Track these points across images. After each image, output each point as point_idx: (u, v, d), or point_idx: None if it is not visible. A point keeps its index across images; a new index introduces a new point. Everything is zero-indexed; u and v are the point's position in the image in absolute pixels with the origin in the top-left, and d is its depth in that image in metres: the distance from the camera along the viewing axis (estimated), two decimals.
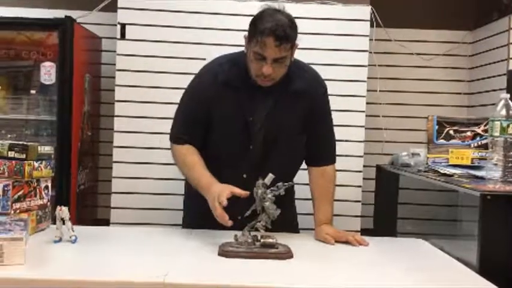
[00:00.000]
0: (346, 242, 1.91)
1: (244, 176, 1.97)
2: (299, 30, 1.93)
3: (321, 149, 2.11)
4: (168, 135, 2.12)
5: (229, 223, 1.73)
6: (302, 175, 2.17)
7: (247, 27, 1.94)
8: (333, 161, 2.13)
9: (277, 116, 1.99)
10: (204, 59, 2.18)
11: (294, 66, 2.02)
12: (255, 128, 1.98)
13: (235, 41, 1.99)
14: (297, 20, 1.91)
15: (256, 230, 1.74)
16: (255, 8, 1.95)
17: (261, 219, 1.74)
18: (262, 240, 1.72)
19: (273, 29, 1.81)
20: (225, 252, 1.69)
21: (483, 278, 1.56)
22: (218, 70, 2.02)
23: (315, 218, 2.06)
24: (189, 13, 2.96)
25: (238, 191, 1.77)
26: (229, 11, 2.92)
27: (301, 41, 1.95)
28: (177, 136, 2.06)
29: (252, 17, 1.92)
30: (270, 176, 1.73)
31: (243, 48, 1.99)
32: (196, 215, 2.08)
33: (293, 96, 2.00)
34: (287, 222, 2.14)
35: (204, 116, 2.00)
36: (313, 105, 2.03)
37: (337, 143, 2.18)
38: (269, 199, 1.72)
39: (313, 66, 2.19)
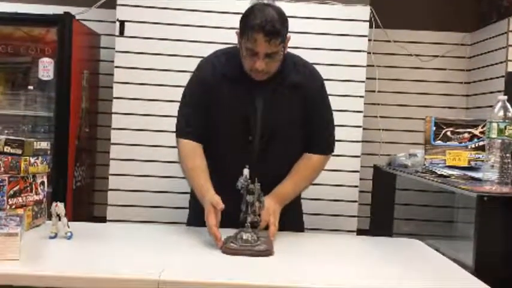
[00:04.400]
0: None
1: (247, 167, 1.97)
2: (298, 30, 1.95)
3: (312, 139, 2.09)
4: (167, 133, 2.13)
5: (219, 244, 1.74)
6: None
7: None
8: (322, 152, 2.10)
9: (274, 108, 2.00)
10: (203, 57, 2.18)
11: (290, 61, 2.04)
12: (252, 120, 1.99)
13: (234, 39, 1.99)
14: (296, 20, 1.92)
15: (252, 226, 1.74)
16: None
17: (246, 214, 1.74)
18: (244, 237, 1.71)
19: (263, 25, 1.83)
20: (226, 249, 1.68)
21: (478, 279, 1.56)
22: (216, 62, 2.05)
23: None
24: (188, 11, 2.96)
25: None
26: (229, 9, 2.91)
27: (300, 40, 1.95)
28: (182, 130, 2.08)
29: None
30: (246, 170, 1.74)
31: None
32: (201, 214, 2.06)
33: (289, 89, 2.01)
34: (292, 222, 2.15)
35: (206, 104, 2.02)
36: (309, 98, 2.04)
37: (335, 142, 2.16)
38: (248, 190, 1.72)
39: None
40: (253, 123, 2.00)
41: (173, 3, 2.96)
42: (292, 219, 2.14)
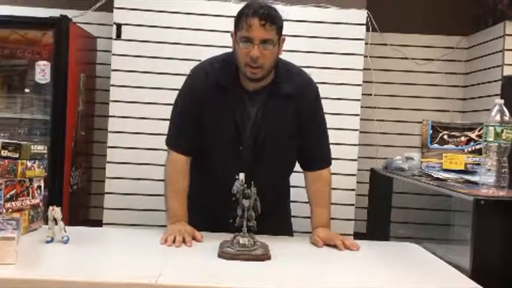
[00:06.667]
0: (336, 246, 1.90)
1: (237, 177, 1.96)
2: (295, 33, 1.95)
3: (315, 153, 2.09)
4: (163, 136, 2.12)
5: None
6: (298, 178, 2.17)
7: None
8: (328, 164, 2.12)
9: (267, 119, 1.99)
10: (199, 60, 2.18)
11: (284, 69, 2.02)
12: (243, 130, 1.98)
13: (230, 43, 1.99)
14: (293, 23, 1.92)
15: (249, 230, 1.74)
16: None
17: (243, 219, 1.73)
18: (241, 242, 1.71)
19: (257, 10, 1.86)
20: (223, 253, 1.68)
21: (475, 283, 1.56)
22: (209, 70, 2.03)
23: (311, 222, 2.05)
24: (185, 14, 2.96)
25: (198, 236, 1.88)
26: (226, 12, 2.91)
27: (296, 43, 1.95)
28: (172, 141, 2.07)
29: None
30: (242, 175, 1.74)
31: None
32: (198, 216, 2.06)
33: (282, 100, 1.99)
34: (281, 225, 2.15)
35: (198, 114, 2.00)
36: (303, 109, 2.02)
37: (331, 146, 2.17)
38: (244, 194, 1.71)
39: (309, 69, 2.19)
40: (244, 133, 1.98)
41: (170, 7, 2.96)
42: (279, 220, 2.15)
